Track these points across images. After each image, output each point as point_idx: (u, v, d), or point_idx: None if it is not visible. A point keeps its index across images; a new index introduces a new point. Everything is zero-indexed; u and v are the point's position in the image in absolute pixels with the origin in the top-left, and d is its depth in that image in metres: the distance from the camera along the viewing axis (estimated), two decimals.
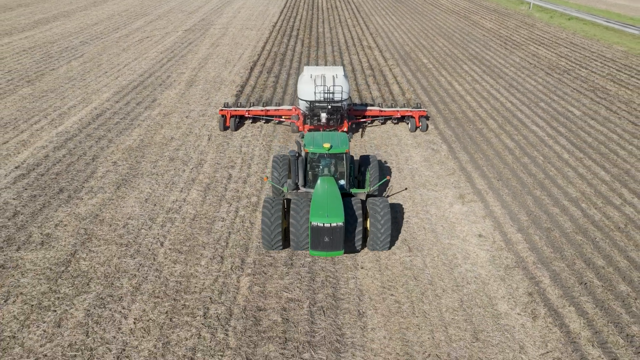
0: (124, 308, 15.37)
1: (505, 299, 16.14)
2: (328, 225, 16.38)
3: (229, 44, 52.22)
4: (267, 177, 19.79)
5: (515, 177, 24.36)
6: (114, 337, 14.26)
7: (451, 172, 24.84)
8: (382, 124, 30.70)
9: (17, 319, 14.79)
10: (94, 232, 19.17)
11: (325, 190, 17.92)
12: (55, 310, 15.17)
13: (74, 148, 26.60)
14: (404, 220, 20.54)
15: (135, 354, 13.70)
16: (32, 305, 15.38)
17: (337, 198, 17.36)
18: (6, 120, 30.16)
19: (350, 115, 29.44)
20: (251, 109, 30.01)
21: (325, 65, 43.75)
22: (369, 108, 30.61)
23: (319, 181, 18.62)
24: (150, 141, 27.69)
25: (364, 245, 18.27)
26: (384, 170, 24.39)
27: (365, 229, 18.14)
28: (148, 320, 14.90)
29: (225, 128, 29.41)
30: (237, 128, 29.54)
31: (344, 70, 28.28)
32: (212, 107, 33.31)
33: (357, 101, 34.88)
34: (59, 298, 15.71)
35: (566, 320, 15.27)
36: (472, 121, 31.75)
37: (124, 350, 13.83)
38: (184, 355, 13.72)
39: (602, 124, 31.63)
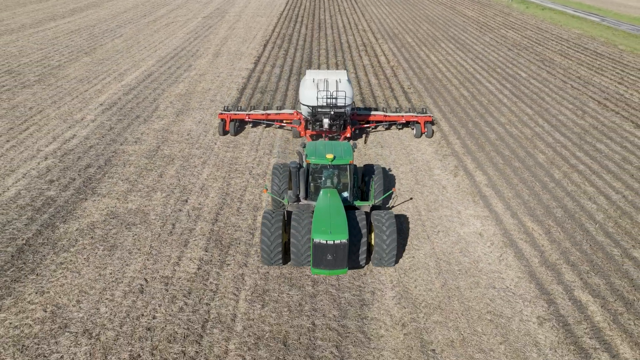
0: (198, 170, 24.53)
1: (440, 169, 25.29)
2: (331, 242, 15.48)
3: (243, 27, 61.29)
4: (267, 189, 18.92)
5: (464, 112, 33.46)
6: (196, 181, 23.43)
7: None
8: (387, 129, 30.28)
9: (134, 174, 23.96)
10: (168, 137, 28.32)
11: (328, 203, 16.93)
12: (156, 171, 24.34)
13: (137, 94, 35.69)
14: (381, 136, 29.63)
15: (210, 188, 22.85)
16: (141, 168, 24.55)
17: (340, 213, 16.43)
18: (80, 78, 39.27)
19: (354, 121, 28.67)
20: (251, 112, 29.24)
21: (327, 67, 46.28)
22: (372, 113, 29.54)
23: (321, 193, 17.67)
24: (194, 90, 36.80)
25: (368, 260, 17.53)
26: (389, 180, 23.94)
27: (369, 243, 17.36)
28: (215, 175, 24.05)
29: (225, 132, 28.66)
30: (237, 133, 28.92)
31: (348, 75, 27.62)
32: (236, 70, 42.41)
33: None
34: (156, 166, 24.87)
35: (475, 178, 24.42)
36: (439, 80, 40.86)
37: (204, 186, 23.00)
38: (240, 188, 22.87)
39: (541, 82, 40.73)
